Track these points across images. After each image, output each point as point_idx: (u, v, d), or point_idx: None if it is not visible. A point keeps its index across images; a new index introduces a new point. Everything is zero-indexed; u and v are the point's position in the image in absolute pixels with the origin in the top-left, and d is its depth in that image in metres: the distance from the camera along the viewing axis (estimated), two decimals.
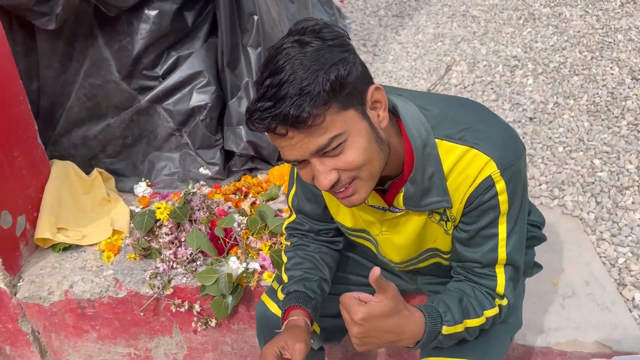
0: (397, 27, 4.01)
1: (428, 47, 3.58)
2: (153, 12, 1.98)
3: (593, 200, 2.19)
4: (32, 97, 2.04)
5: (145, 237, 1.79)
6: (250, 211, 1.86)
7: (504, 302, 1.11)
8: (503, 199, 1.03)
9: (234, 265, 1.66)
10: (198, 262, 1.71)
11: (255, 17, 2.06)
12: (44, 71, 2.06)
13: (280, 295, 1.26)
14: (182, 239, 1.75)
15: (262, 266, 1.68)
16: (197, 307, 1.69)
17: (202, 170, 2.13)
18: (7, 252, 1.71)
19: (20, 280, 1.75)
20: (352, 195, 0.99)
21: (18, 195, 1.75)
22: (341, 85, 0.89)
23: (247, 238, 1.75)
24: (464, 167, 1.02)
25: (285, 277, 1.27)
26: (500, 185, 1.01)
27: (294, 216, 1.34)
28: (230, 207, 1.91)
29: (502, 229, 1.06)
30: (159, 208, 1.80)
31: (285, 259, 1.32)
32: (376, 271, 0.91)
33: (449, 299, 1.08)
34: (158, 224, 1.81)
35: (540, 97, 2.78)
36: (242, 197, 1.98)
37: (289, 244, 1.35)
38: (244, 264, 1.67)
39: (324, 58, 0.89)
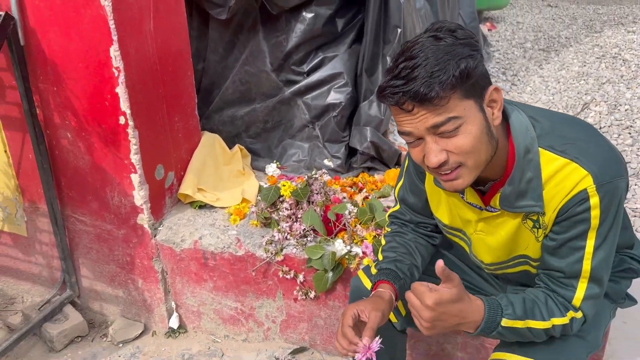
0: (542, 61, 3.99)
1: (570, 84, 3.53)
2: (309, 15, 2.23)
3: None
4: (197, 76, 2.37)
5: (268, 209, 2.02)
6: (362, 204, 2.02)
7: (578, 315, 1.17)
8: (595, 213, 1.09)
9: (339, 246, 1.83)
10: (309, 238, 1.90)
11: (399, 30, 2.23)
12: (210, 55, 2.40)
13: (373, 271, 1.41)
14: (299, 216, 1.96)
15: (364, 252, 1.83)
16: (301, 277, 1.88)
17: (326, 161, 2.34)
18: (156, 199, 2.02)
19: (161, 226, 2.06)
20: (455, 180, 1.11)
21: (172, 154, 2.07)
22: (468, 76, 1.03)
23: (355, 226, 1.92)
24: (562, 178, 1.11)
25: (380, 257, 1.42)
26: (594, 200, 1.08)
27: (397, 206, 1.49)
28: (344, 197, 2.09)
29: (590, 243, 1.13)
30: (284, 185, 2.02)
31: (383, 242, 1.46)
32: (440, 262, 1.04)
33: (515, 297, 1.17)
34: (281, 199, 2.03)
35: None
36: (357, 191, 2.15)
37: (389, 230, 1.50)
38: (348, 247, 1.83)
39: (455, 52, 1.03)
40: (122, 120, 1.84)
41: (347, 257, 1.82)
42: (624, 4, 6.06)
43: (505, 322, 1.13)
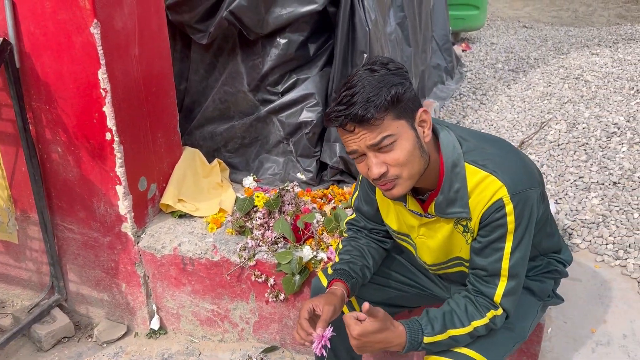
0: (510, 81, 4.21)
1: (534, 103, 3.75)
2: (283, 40, 2.43)
3: None
4: (179, 95, 2.56)
5: (243, 218, 2.20)
6: (330, 214, 2.20)
7: (499, 312, 1.36)
8: (511, 219, 1.29)
9: (306, 252, 2.00)
10: (279, 245, 2.08)
11: (365, 55, 2.43)
12: (191, 75, 2.58)
13: (330, 271, 1.59)
14: (271, 224, 2.13)
15: (328, 258, 2.01)
16: (271, 280, 2.05)
17: (299, 175, 2.52)
18: (139, 209, 2.19)
19: (143, 233, 2.22)
20: (392, 189, 1.31)
21: (154, 167, 2.24)
22: (398, 100, 1.23)
23: (322, 233, 2.10)
24: (483, 188, 1.30)
25: (337, 259, 1.60)
26: (509, 208, 1.28)
27: (354, 215, 1.68)
28: (314, 208, 2.27)
29: (508, 245, 1.32)
30: (257, 197, 2.20)
31: (340, 246, 1.65)
32: (366, 305, 1.25)
33: (435, 313, 1.36)
34: (255, 209, 2.21)
35: (629, 165, 2.88)
36: (327, 202, 2.33)
37: (346, 235, 1.68)
38: (314, 253, 2.01)
39: (387, 80, 1.23)
40: (108, 136, 2.01)
41: (312, 261, 1.99)
42: (594, 26, 6.34)
43: (426, 340, 1.33)
